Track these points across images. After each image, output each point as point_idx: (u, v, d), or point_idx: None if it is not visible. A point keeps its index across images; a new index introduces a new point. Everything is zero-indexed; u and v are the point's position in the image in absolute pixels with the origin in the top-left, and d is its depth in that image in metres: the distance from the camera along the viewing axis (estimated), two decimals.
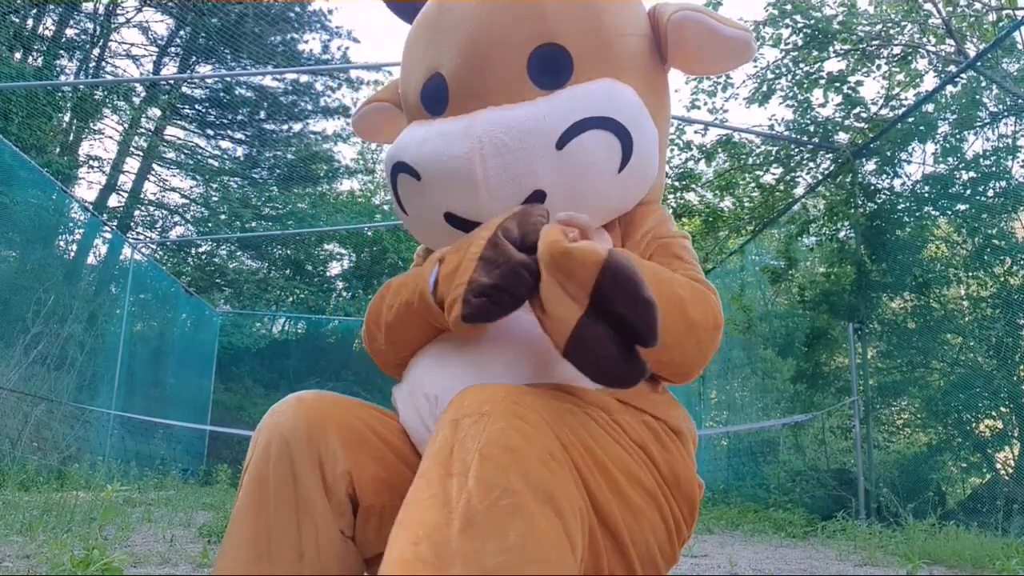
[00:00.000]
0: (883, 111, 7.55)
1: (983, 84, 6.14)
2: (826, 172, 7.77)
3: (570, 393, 1.03)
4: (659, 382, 1.17)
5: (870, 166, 7.18)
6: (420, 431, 1.11)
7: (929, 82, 7.68)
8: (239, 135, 16.54)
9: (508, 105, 1.14)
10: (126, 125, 14.52)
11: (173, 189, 16.10)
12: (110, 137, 14.77)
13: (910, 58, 7.60)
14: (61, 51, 13.42)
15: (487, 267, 0.99)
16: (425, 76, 1.25)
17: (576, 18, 1.18)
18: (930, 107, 6.55)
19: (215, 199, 16.30)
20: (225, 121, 16.25)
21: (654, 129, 1.20)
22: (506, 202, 1.13)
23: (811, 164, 8.13)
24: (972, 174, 6.16)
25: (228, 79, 15.32)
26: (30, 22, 12.84)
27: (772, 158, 8.35)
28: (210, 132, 16.29)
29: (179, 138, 16.15)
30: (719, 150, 8.28)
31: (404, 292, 1.16)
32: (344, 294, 16.76)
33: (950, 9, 7.19)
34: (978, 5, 7.36)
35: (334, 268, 17.55)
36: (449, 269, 1.06)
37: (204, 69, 15.36)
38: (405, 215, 1.26)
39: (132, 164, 15.13)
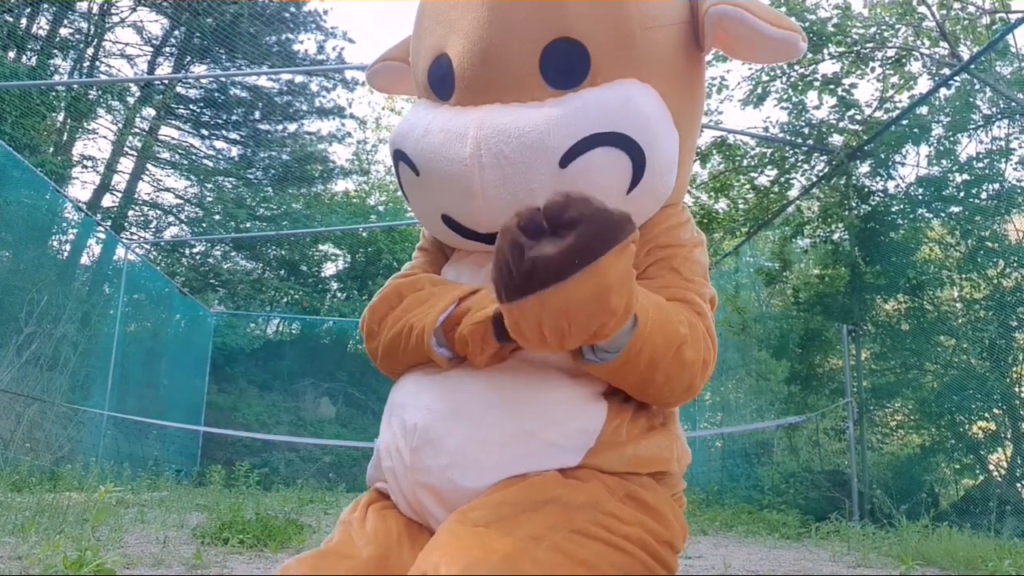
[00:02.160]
0: (877, 113, 7.58)
1: (976, 87, 6.16)
2: (820, 174, 7.79)
3: (559, 485, 1.00)
4: (650, 408, 1.13)
5: (864, 168, 7.21)
6: (389, 458, 1.11)
7: (923, 85, 7.71)
8: (234, 135, 16.50)
9: (516, 105, 1.07)
10: (120, 125, 14.47)
11: (167, 189, 16.05)
12: (104, 137, 14.74)
13: (904, 61, 7.62)
14: (55, 50, 13.37)
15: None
16: (432, 55, 1.18)
17: (597, 10, 1.08)
18: (924, 110, 6.58)
19: (209, 199, 16.26)
20: (220, 121, 16.22)
21: (674, 141, 1.11)
22: (503, 214, 1.04)
23: (805, 166, 8.15)
24: (965, 176, 6.18)
25: (223, 79, 15.30)
26: (24, 21, 12.79)
27: (767, 160, 8.36)
28: (205, 132, 16.25)
29: (173, 138, 16.13)
30: (714, 152, 8.28)
31: (412, 316, 1.13)
32: (339, 295, 16.71)
33: (944, 12, 7.22)
34: (972, 8, 7.39)
35: (329, 269, 17.51)
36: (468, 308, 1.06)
37: (199, 69, 15.33)
38: (407, 202, 1.23)
39: (126, 164, 15.09)
